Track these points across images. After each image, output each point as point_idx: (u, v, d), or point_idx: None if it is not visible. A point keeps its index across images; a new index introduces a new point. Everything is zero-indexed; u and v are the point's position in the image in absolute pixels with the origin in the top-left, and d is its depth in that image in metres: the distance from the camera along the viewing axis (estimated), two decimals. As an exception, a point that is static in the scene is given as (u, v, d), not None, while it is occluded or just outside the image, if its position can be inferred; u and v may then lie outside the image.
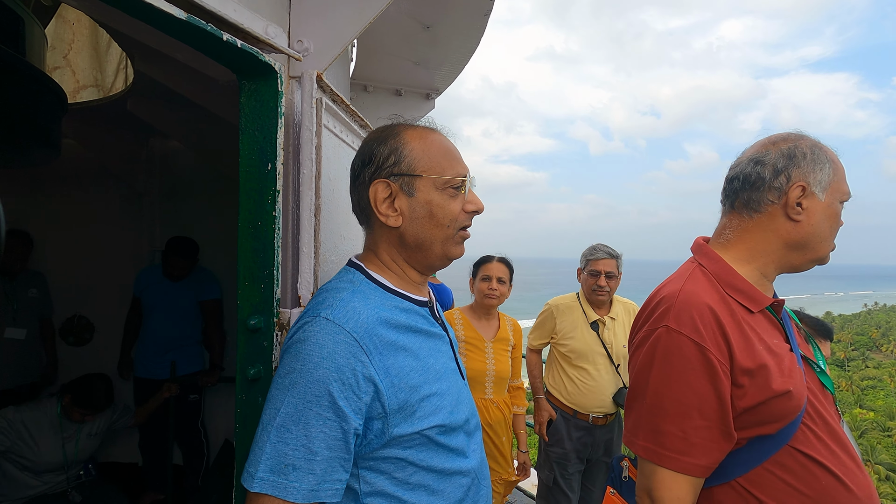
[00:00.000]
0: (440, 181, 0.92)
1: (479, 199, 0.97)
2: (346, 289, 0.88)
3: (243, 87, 1.16)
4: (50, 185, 3.56)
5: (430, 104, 2.89)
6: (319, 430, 0.76)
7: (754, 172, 1.05)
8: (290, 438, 0.76)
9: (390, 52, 2.35)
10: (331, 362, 0.77)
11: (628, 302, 2.87)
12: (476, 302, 2.56)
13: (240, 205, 1.16)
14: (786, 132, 1.08)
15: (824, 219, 1.02)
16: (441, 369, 0.93)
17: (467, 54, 2.39)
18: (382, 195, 0.92)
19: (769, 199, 1.03)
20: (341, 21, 1.28)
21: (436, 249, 0.94)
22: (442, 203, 0.92)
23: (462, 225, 0.96)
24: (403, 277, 0.97)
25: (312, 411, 0.76)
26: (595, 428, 2.63)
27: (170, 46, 1.61)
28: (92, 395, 2.49)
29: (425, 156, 0.93)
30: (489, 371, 2.45)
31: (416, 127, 0.98)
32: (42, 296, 3.22)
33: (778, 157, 1.03)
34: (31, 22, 2.08)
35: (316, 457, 0.76)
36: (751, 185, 1.05)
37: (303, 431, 0.76)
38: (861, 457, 1.03)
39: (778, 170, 1.02)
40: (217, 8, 0.98)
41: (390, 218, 0.93)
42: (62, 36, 3.54)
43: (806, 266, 1.07)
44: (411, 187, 0.92)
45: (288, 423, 0.76)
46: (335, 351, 0.78)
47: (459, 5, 1.93)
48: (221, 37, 0.98)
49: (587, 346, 2.65)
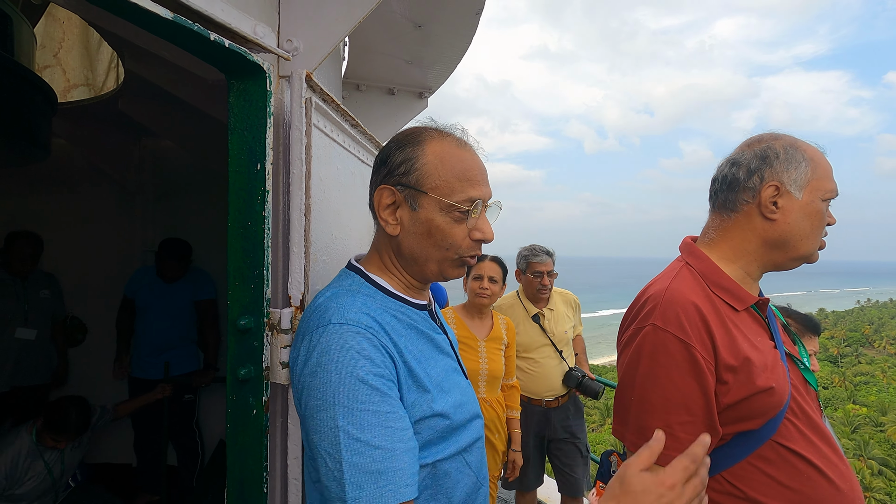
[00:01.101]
0: (445, 203, 0.88)
1: (489, 227, 0.93)
2: (346, 294, 0.88)
3: (232, 86, 1.15)
4: (40, 185, 3.54)
5: (423, 103, 2.88)
6: (384, 427, 0.75)
7: (730, 173, 1.07)
8: (363, 448, 0.73)
9: (382, 51, 2.35)
10: (364, 358, 0.77)
11: (564, 292, 3.08)
12: (469, 301, 2.56)
13: (229, 204, 1.16)
14: (763, 133, 1.10)
15: (803, 217, 1.03)
16: (444, 368, 0.94)
17: (460, 53, 2.39)
18: (386, 201, 0.91)
19: (744, 199, 1.05)
20: (331, 20, 1.28)
21: (431, 267, 0.92)
22: (442, 226, 0.89)
23: (465, 253, 0.92)
24: (403, 281, 0.96)
25: (369, 411, 0.75)
26: (549, 410, 2.85)
27: (158, 45, 1.60)
28: (65, 422, 2.38)
29: (437, 173, 0.88)
30: (482, 370, 2.46)
31: (444, 138, 0.93)
32: (54, 297, 3.23)
33: (751, 158, 1.05)
34: (19, 21, 2.06)
35: (395, 451, 0.74)
36: (727, 185, 1.08)
37: (370, 434, 0.74)
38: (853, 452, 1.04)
39: (751, 170, 1.04)
40: (204, 8, 0.97)
41: (389, 225, 0.91)
42: (52, 35, 3.51)
43: (790, 265, 1.08)
44: (415, 201, 0.89)
45: (353, 433, 0.74)
46: (363, 347, 0.78)
47: (451, 4, 1.93)
48: (209, 37, 0.98)
49: (531, 339, 2.86)
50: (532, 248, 2.91)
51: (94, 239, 3.60)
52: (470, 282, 2.51)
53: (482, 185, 0.91)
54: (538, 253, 2.87)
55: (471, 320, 2.54)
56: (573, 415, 2.90)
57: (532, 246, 2.92)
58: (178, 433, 3.15)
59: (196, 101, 2.30)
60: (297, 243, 1.19)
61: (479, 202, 0.89)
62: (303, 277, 1.20)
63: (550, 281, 2.86)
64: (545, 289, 2.84)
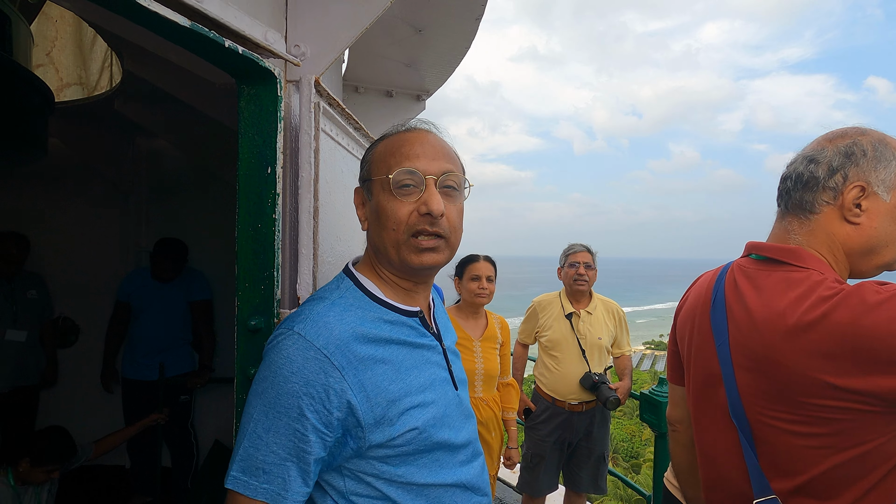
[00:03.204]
0: (385, 182, 0.88)
1: (434, 199, 0.85)
2: (327, 299, 0.87)
3: (242, 91, 1.17)
4: (34, 184, 3.50)
5: (420, 105, 2.91)
6: (288, 440, 0.78)
7: (807, 171, 0.97)
8: (260, 444, 0.78)
9: (382, 55, 2.37)
10: (300, 377, 0.78)
11: (609, 300, 3.09)
12: (464, 301, 2.60)
13: (239, 207, 1.17)
14: (846, 127, 0.99)
15: (890, 221, 0.93)
16: (427, 381, 0.90)
17: (458, 57, 2.42)
18: (357, 201, 0.98)
19: (823, 200, 0.96)
20: (338, 26, 1.31)
21: (391, 255, 0.89)
22: (385, 205, 0.87)
23: (413, 229, 0.86)
24: (392, 285, 0.94)
25: (282, 421, 0.78)
26: (573, 415, 2.85)
27: (163, 48, 1.61)
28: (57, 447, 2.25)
29: (380, 158, 0.91)
30: (478, 370, 2.49)
31: (400, 132, 0.94)
32: (42, 297, 3.19)
33: (834, 155, 0.95)
34: (17, 21, 2.05)
35: (285, 463, 0.78)
36: (803, 184, 0.97)
37: (273, 439, 0.78)
38: None
39: (833, 168, 0.94)
40: (219, 15, 0.99)
41: (362, 223, 0.98)
42: (45, 33, 3.47)
43: (873, 272, 0.99)
44: (370, 192, 0.94)
45: (258, 430, 0.79)
46: (304, 367, 0.78)
47: (452, 10, 1.96)
48: (223, 43, 1.00)
49: (561, 336, 2.90)
50: (571, 243, 3.04)
51: (88, 239, 3.57)
52: (466, 283, 2.55)
53: (422, 159, 0.87)
54: (574, 245, 3.01)
55: (465, 320, 2.58)
56: (598, 423, 2.91)
57: (573, 242, 3.05)
58: (172, 434, 3.14)
59: (196, 103, 2.30)
60: (306, 245, 1.22)
61: (417, 174, 0.86)
62: (311, 279, 1.22)
63: (587, 273, 2.89)
64: (580, 278, 2.88)
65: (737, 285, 1.03)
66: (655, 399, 2.61)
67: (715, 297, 1.06)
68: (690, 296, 1.20)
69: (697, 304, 1.13)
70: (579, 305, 2.95)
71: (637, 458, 21.69)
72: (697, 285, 1.20)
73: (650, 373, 40.46)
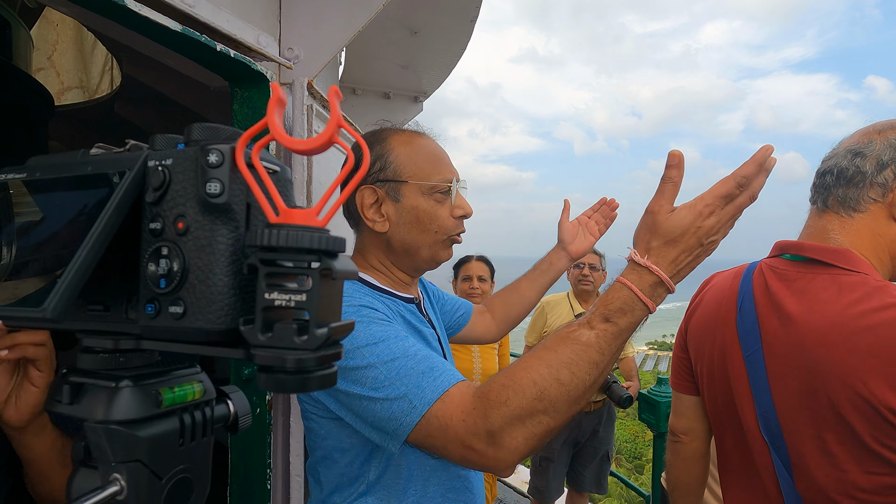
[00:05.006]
0: (426, 187, 0.92)
1: (467, 202, 0.97)
2: None
3: (235, 94, 1.19)
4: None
5: (418, 107, 2.93)
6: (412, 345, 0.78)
7: (852, 166, 0.89)
8: (398, 364, 0.75)
9: (378, 56, 2.39)
10: (373, 308, 0.81)
11: None
12: (461, 302, 2.61)
13: (232, 209, 1.19)
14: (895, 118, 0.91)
15: None
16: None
17: (454, 58, 2.43)
18: (369, 201, 0.94)
19: (871, 197, 0.88)
20: (331, 29, 1.32)
21: (423, 254, 0.95)
22: (428, 209, 0.93)
23: (452, 231, 0.95)
24: (391, 277, 0.98)
25: (388, 340, 0.77)
26: (581, 415, 2.83)
27: (160, 52, 1.63)
28: None
29: (411, 161, 0.93)
30: (476, 370, 2.50)
31: (403, 131, 0.98)
32: None
33: (884, 149, 0.87)
34: (17, 25, 2.07)
35: (429, 354, 0.77)
36: (847, 180, 0.90)
37: (399, 351, 0.76)
38: None
39: (883, 163, 0.87)
40: (211, 20, 1.01)
41: (377, 223, 0.93)
42: (46, 37, 3.49)
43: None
44: (398, 193, 0.92)
45: (385, 359, 0.75)
46: (364, 300, 0.82)
47: (446, 12, 1.97)
48: (215, 47, 1.01)
49: None
50: None
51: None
52: (459, 283, 2.56)
53: (451, 166, 0.97)
54: None
55: (465, 321, 2.59)
56: (605, 421, 2.93)
57: None
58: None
59: (194, 106, 2.32)
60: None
61: (455, 180, 0.94)
62: (304, 279, 1.23)
63: (592, 274, 2.91)
64: (585, 279, 2.90)
65: (769, 289, 0.93)
66: (654, 399, 2.61)
67: (741, 304, 0.97)
68: (706, 301, 1.09)
69: (719, 311, 1.02)
70: (587, 305, 2.96)
71: (640, 458, 21.65)
72: (715, 289, 1.09)
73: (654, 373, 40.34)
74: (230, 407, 0.45)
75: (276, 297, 0.34)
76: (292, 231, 0.33)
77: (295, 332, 0.34)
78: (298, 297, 0.34)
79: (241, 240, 0.37)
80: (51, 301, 0.33)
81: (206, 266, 0.35)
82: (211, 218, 0.35)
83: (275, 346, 0.34)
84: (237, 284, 0.36)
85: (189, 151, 0.36)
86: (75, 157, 0.43)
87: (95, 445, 0.38)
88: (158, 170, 0.36)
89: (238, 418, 0.45)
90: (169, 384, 0.40)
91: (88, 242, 0.34)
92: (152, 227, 0.37)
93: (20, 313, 0.35)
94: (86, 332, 0.40)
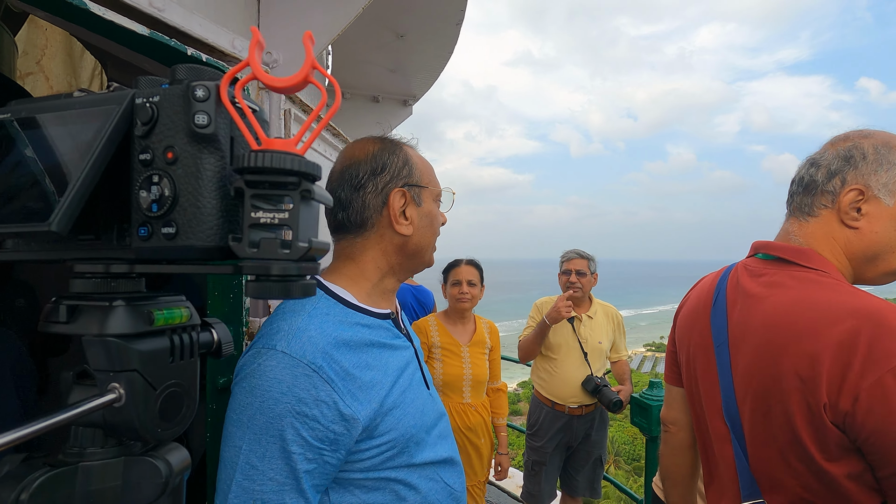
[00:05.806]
0: (436, 193, 1.01)
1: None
2: (303, 311, 0.85)
3: (211, 99, 1.17)
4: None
5: (407, 110, 2.92)
6: (286, 464, 0.74)
7: (808, 175, 0.96)
8: (255, 475, 0.74)
9: (366, 60, 2.38)
10: (291, 396, 0.75)
11: (608, 305, 3.08)
12: (450, 307, 2.58)
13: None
14: (850, 131, 0.98)
15: (894, 226, 0.90)
16: (406, 383, 0.92)
17: (442, 62, 2.42)
18: (400, 203, 0.93)
19: (822, 204, 0.94)
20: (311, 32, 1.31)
21: (427, 256, 1.00)
22: (436, 214, 1.01)
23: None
24: (376, 288, 0.95)
25: (275, 446, 0.74)
26: (573, 418, 2.84)
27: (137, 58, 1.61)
28: None
29: (424, 170, 0.99)
30: (466, 375, 2.48)
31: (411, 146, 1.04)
32: (29, 306, 3.17)
33: (833, 159, 0.93)
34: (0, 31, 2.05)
35: (284, 489, 0.74)
36: (804, 187, 0.97)
37: (269, 465, 0.74)
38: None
39: (832, 172, 0.93)
40: (181, 24, 0.99)
41: (402, 226, 0.93)
42: (35, 41, 3.47)
43: (881, 280, 0.96)
44: (420, 197, 0.96)
45: (252, 460, 0.74)
46: (294, 385, 0.75)
47: (431, 15, 1.96)
48: (186, 51, 1.00)
49: (562, 339, 2.88)
50: (568, 250, 3.06)
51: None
52: (449, 288, 2.54)
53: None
54: (568, 252, 3.02)
55: (453, 326, 2.56)
56: (597, 425, 2.92)
57: (569, 249, 3.06)
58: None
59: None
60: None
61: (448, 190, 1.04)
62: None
63: (579, 280, 2.90)
64: (573, 286, 2.89)
65: (739, 285, 1.01)
66: (645, 402, 2.59)
67: (716, 299, 1.05)
68: (691, 297, 1.18)
69: (698, 305, 1.11)
70: (580, 310, 2.95)
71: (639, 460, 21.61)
72: (699, 287, 1.17)
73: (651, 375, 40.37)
74: (214, 335, 0.50)
75: (262, 215, 0.39)
76: (276, 154, 0.38)
77: (279, 245, 0.39)
78: (282, 215, 0.39)
79: (227, 168, 0.41)
80: (55, 216, 0.37)
81: (195, 190, 0.39)
82: (199, 147, 0.39)
83: (261, 258, 0.39)
84: (224, 207, 0.40)
85: (176, 89, 0.40)
86: (58, 99, 0.46)
87: (94, 358, 0.42)
88: (147, 106, 0.40)
89: (221, 344, 0.51)
90: (158, 307, 0.44)
91: (86, 166, 0.38)
92: (142, 158, 0.40)
93: (27, 228, 0.38)
94: (78, 260, 0.44)
